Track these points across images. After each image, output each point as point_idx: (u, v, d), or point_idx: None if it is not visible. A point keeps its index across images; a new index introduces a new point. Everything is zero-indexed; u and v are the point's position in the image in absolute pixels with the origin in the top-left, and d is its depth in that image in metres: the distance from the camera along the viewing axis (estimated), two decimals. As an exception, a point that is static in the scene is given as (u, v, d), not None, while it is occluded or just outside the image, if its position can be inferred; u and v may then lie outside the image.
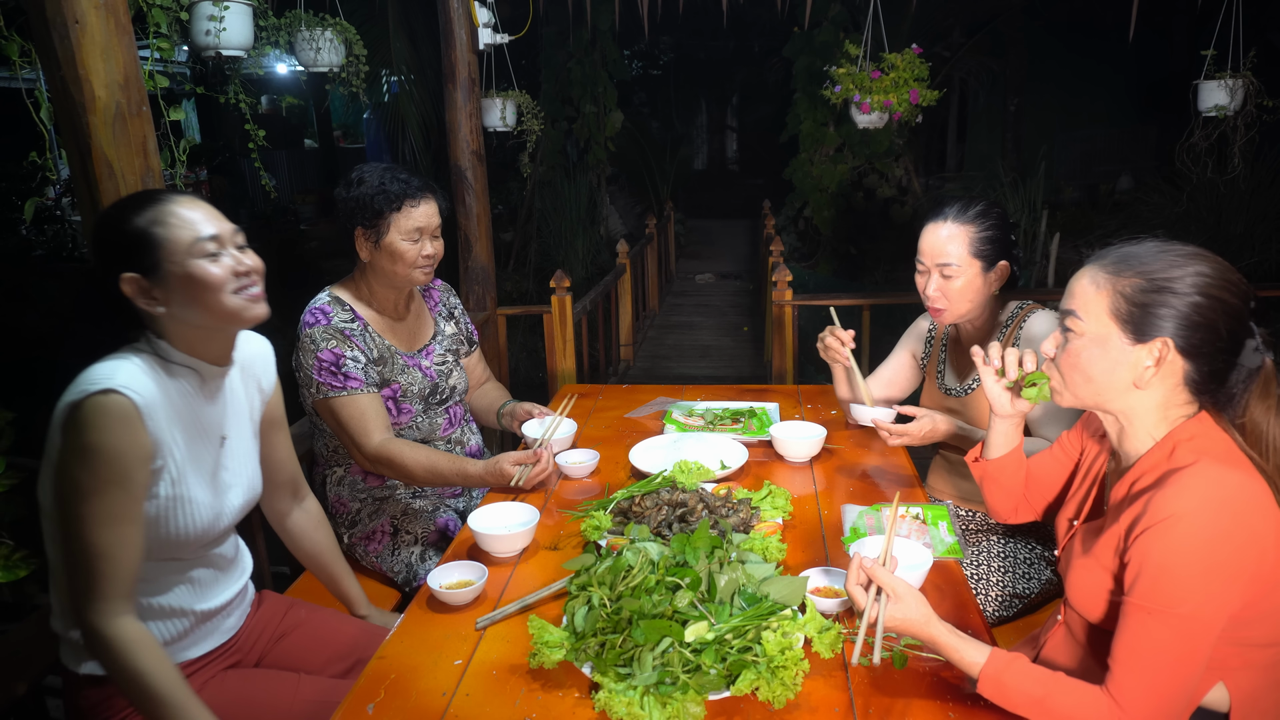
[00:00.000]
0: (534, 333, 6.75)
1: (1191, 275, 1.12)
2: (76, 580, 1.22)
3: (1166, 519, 1.07)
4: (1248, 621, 1.12)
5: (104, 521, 1.20)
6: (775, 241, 5.99)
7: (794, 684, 1.14)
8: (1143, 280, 1.14)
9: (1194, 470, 1.10)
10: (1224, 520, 1.06)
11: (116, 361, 1.27)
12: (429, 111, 6.75)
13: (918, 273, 1.90)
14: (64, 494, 1.21)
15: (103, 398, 1.20)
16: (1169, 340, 1.13)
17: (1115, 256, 1.18)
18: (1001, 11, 8.54)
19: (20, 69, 1.86)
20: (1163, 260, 1.14)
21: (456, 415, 2.18)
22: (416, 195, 1.94)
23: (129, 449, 1.21)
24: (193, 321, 1.33)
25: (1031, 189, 7.18)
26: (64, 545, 1.22)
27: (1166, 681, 1.06)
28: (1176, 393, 1.17)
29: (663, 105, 15.21)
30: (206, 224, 1.31)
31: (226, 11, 2.23)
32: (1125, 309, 1.14)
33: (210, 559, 1.43)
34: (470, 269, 3.61)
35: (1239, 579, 1.06)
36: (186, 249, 1.29)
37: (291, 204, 12.10)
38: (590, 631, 1.25)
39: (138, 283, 1.29)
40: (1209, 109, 3.65)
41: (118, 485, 1.21)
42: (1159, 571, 1.07)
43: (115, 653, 1.22)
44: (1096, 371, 1.18)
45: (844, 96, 4.48)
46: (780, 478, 1.90)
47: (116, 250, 1.29)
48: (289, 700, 1.43)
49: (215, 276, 1.31)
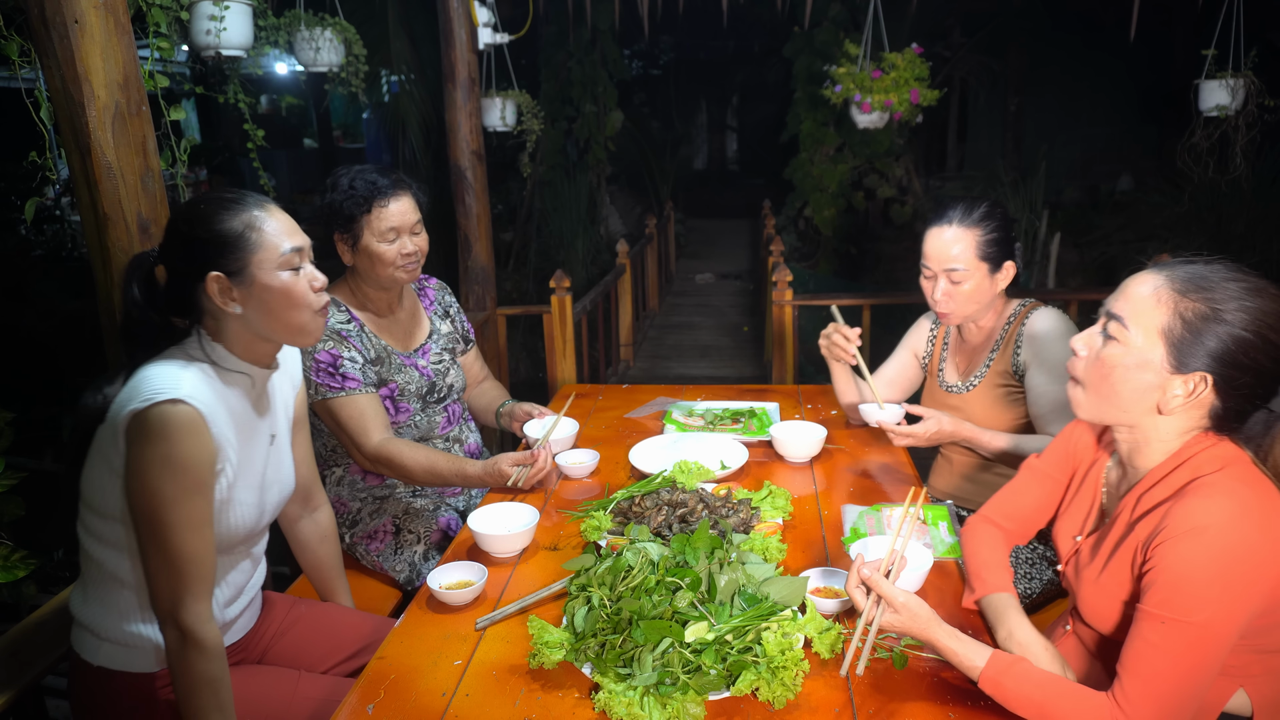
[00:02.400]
0: (534, 333, 6.74)
1: (1249, 311, 1.06)
2: (166, 584, 1.23)
3: (1191, 530, 1.05)
4: (1266, 629, 1.11)
5: (191, 527, 1.23)
6: (775, 241, 5.99)
7: (794, 684, 1.14)
8: (1205, 307, 1.07)
9: (1217, 480, 1.08)
10: (1248, 531, 1.04)
11: (176, 369, 1.27)
12: (429, 111, 6.75)
13: (924, 277, 1.89)
14: (145, 503, 1.22)
15: (171, 408, 1.21)
16: (1208, 376, 1.08)
17: (1187, 273, 1.10)
18: (1001, 11, 8.53)
19: (20, 69, 1.86)
20: (1229, 290, 1.07)
21: (455, 413, 2.18)
22: (386, 194, 1.90)
23: (203, 456, 1.24)
24: (259, 329, 1.35)
25: (1031, 189, 7.17)
26: (150, 552, 1.23)
27: (1175, 691, 1.04)
28: (1196, 420, 1.14)
29: (663, 105, 15.19)
30: (292, 235, 1.35)
31: (226, 11, 2.23)
32: (1179, 332, 1.08)
33: (246, 556, 1.46)
34: (470, 269, 3.60)
35: (1257, 590, 1.05)
36: (277, 259, 1.32)
37: (291, 204, 12.09)
38: (590, 632, 1.25)
39: (222, 282, 1.30)
40: (1210, 109, 3.65)
41: (198, 492, 1.24)
42: (1178, 581, 1.05)
43: (206, 656, 1.24)
44: (1127, 390, 1.13)
45: (844, 96, 4.48)
46: (780, 478, 1.90)
47: (207, 248, 1.30)
48: (289, 697, 1.43)
49: (300, 291, 1.34)
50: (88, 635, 1.35)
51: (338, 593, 1.78)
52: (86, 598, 1.36)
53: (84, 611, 1.36)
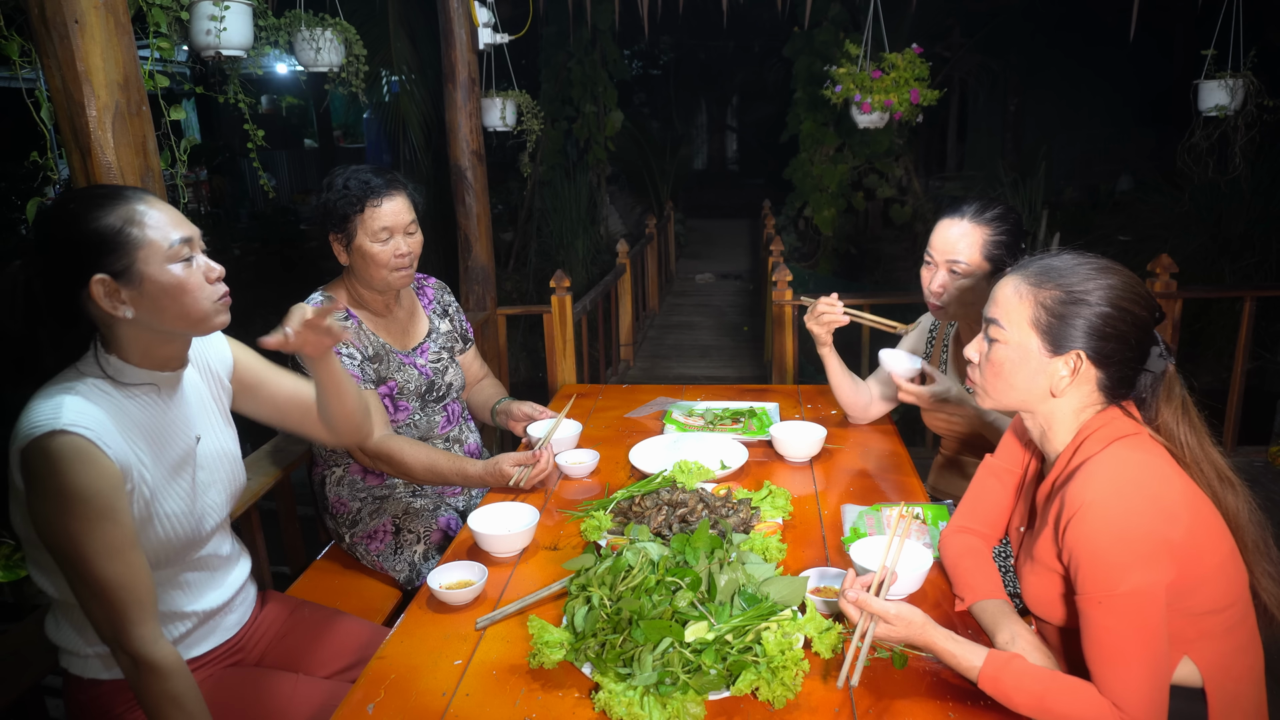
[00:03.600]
0: (534, 333, 6.75)
1: (1103, 288, 1.18)
2: (102, 615, 1.19)
3: (1080, 508, 1.13)
4: (1185, 590, 1.15)
5: (109, 555, 1.17)
6: (775, 241, 5.99)
7: (794, 684, 1.14)
8: (1061, 292, 1.19)
9: (1099, 458, 1.17)
10: (1132, 498, 1.12)
11: (58, 395, 1.19)
12: (429, 111, 6.76)
13: (924, 265, 1.89)
14: (57, 539, 1.16)
15: (52, 440, 1.14)
16: (1082, 352, 1.19)
17: (1037, 268, 1.24)
18: (1001, 11, 8.54)
19: (20, 69, 1.86)
20: (1078, 273, 1.20)
21: (454, 413, 2.18)
22: (379, 194, 1.89)
23: (99, 484, 1.16)
24: (157, 327, 1.27)
25: (1031, 189, 7.18)
26: (76, 586, 1.19)
27: (1140, 663, 1.09)
28: (1090, 396, 1.23)
29: (663, 105, 15.21)
30: (178, 226, 1.26)
31: (226, 11, 2.23)
32: (1045, 320, 1.20)
33: (198, 562, 1.41)
34: (470, 269, 3.60)
35: (1161, 551, 1.10)
36: (164, 252, 1.23)
37: (291, 204, 12.10)
38: (590, 631, 1.25)
39: (107, 284, 1.21)
40: (1210, 109, 3.64)
41: (105, 519, 1.17)
42: (1088, 560, 1.12)
43: (161, 676, 1.21)
44: (1019, 380, 1.24)
45: (844, 96, 4.48)
46: (780, 478, 1.90)
47: (86, 250, 1.20)
48: (287, 699, 1.43)
49: (195, 283, 1.26)
50: (69, 654, 1.35)
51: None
52: (58, 623, 1.34)
53: (58, 636, 1.34)
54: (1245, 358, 3.40)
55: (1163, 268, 3.21)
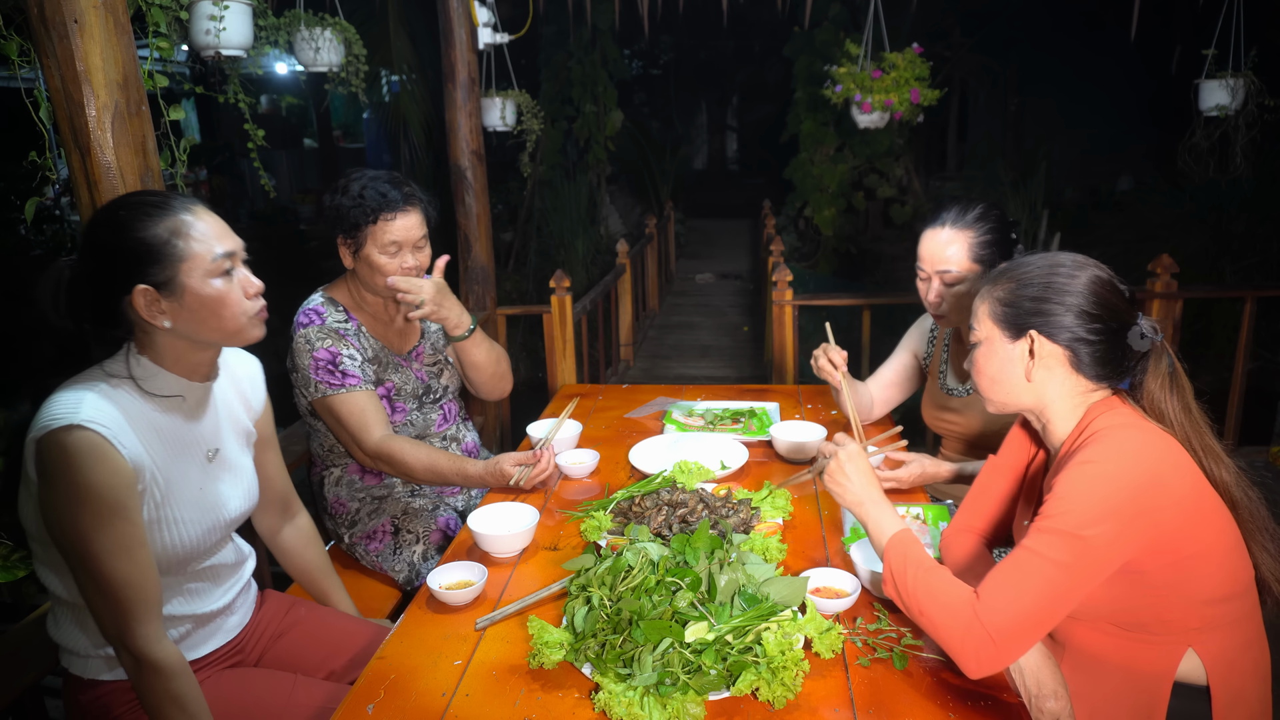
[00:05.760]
0: (534, 333, 6.74)
1: (1044, 270, 1.25)
2: (107, 612, 1.19)
3: (1082, 460, 1.15)
4: (1192, 573, 1.15)
5: (118, 553, 1.17)
6: (775, 241, 5.99)
7: (794, 684, 1.14)
8: (1012, 283, 1.28)
9: (1109, 430, 1.18)
10: (1135, 469, 1.13)
11: (81, 390, 1.20)
12: (429, 111, 6.75)
13: (919, 279, 1.89)
14: (66, 534, 1.17)
15: (67, 434, 1.15)
16: (1034, 332, 1.24)
17: (997, 271, 1.33)
18: (1001, 11, 8.53)
19: (20, 69, 1.85)
20: (1028, 265, 1.28)
21: (451, 412, 2.18)
22: (394, 208, 1.89)
23: (113, 480, 1.17)
24: (193, 337, 1.29)
25: (1031, 189, 7.17)
26: (83, 581, 1.19)
27: (1033, 596, 1.09)
28: (1075, 380, 1.26)
29: (663, 105, 15.21)
30: (223, 239, 1.28)
31: (226, 11, 2.23)
32: (1000, 310, 1.28)
33: (202, 573, 1.40)
34: (470, 269, 3.60)
35: (1142, 520, 1.11)
36: (207, 266, 1.25)
37: (291, 204, 12.10)
38: (590, 632, 1.25)
39: (149, 295, 1.22)
40: (1210, 109, 3.64)
41: (118, 516, 1.17)
42: (1063, 494, 1.14)
43: (163, 676, 1.21)
44: (993, 371, 1.30)
45: (844, 96, 4.48)
46: (780, 478, 1.90)
47: (132, 259, 1.21)
48: (287, 700, 1.42)
49: (234, 298, 1.28)
50: (70, 654, 1.35)
51: (332, 594, 1.75)
52: (59, 622, 1.34)
53: (59, 635, 1.34)
54: (1246, 358, 3.40)
55: (1163, 268, 3.21)
